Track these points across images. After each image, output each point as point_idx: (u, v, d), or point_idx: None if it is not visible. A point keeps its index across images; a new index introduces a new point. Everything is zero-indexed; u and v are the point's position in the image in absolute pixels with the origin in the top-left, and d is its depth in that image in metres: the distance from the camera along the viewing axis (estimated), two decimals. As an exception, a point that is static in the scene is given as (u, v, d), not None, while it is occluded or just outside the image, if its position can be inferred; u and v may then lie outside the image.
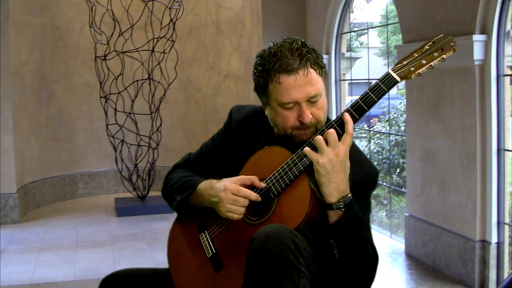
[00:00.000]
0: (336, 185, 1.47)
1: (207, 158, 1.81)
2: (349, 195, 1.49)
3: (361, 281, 1.56)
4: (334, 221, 1.48)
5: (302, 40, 1.59)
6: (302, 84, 1.53)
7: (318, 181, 1.48)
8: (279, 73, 1.54)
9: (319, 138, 1.49)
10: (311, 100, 1.56)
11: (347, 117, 1.50)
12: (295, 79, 1.53)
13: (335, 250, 1.48)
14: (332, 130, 1.49)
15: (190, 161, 1.85)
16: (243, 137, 1.75)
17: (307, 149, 1.50)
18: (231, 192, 1.55)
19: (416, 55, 1.50)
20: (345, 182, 1.48)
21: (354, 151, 1.58)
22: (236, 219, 1.57)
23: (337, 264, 1.51)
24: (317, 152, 1.50)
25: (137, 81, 5.36)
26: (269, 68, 1.56)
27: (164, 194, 1.81)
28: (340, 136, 1.50)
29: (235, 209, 1.55)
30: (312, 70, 1.55)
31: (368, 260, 1.55)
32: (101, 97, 5.24)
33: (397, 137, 8.16)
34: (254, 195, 1.55)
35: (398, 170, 7.95)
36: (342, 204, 1.47)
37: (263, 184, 1.56)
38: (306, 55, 1.55)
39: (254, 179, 1.58)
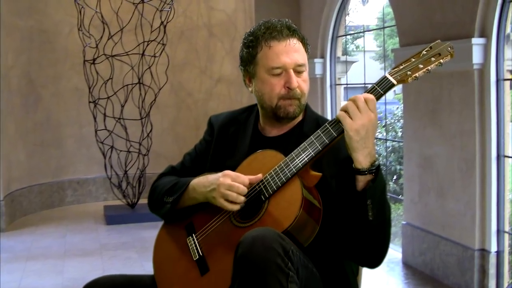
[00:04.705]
0: (369, 150, 1.48)
1: (193, 165, 1.82)
2: (378, 158, 1.54)
3: (386, 244, 1.56)
4: (364, 184, 1.49)
5: (289, 20, 1.72)
6: (291, 50, 1.63)
7: (351, 148, 1.48)
8: (270, 39, 1.64)
9: (351, 103, 1.49)
10: (298, 69, 1.64)
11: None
12: (285, 45, 1.63)
13: (370, 212, 1.48)
14: (359, 96, 1.50)
15: (175, 170, 1.85)
16: (228, 138, 1.78)
17: (341, 113, 1.50)
18: (230, 178, 1.55)
19: (414, 60, 1.53)
20: (374, 147, 1.52)
21: None
22: (231, 209, 1.56)
23: (369, 228, 1.51)
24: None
25: (127, 85, 5.32)
26: (259, 35, 1.65)
27: (152, 202, 1.79)
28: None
29: (230, 195, 1.54)
30: (299, 42, 1.66)
31: (389, 220, 1.57)
32: (90, 102, 5.21)
33: (394, 143, 8.14)
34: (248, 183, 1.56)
35: (395, 177, 7.98)
36: (374, 168, 1.49)
37: (256, 177, 1.57)
38: (294, 27, 1.68)
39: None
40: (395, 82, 1.50)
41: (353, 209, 1.49)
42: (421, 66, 1.51)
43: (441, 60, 1.52)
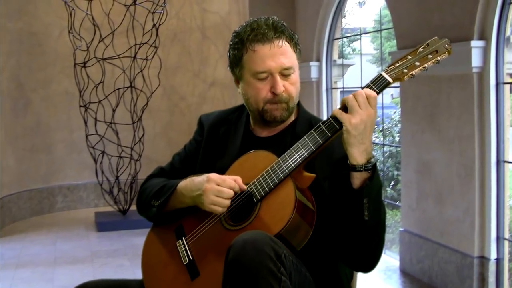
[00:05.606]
0: (365, 146, 1.45)
1: (183, 166, 1.80)
2: (375, 156, 1.43)
3: (380, 247, 1.54)
4: (360, 183, 1.46)
5: (278, 18, 1.67)
6: (276, 54, 1.59)
7: (348, 143, 1.45)
8: (254, 42, 1.60)
9: (351, 97, 1.46)
10: (284, 73, 1.61)
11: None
12: (269, 48, 1.59)
13: (366, 211, 1.46)
14: (361, 92, 1.47)
15: (164, 171, 1.83)
16: (218, 138, 1.76)
17: (337, 110, 1.48)
18: (215, 183, 1.53)
19: (410, 57, 1.51)
20: (371, 144, 1.49)
21: None
22: (220, 212, 1.54)
23: (364, 229, 1.48)
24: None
25: (118, 89, 5.30)
26: (244, 38, 1.62)
27: (140, 205, 1.77)
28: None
29: (219, 201, 1.52)
30: (286, 43, 1.62)
31: (384, 223, 1.55)
32: (80, 106, 5.18)
33: (391, 148, 8.14)
34: (238, 187, 1.53)
35: (392, 183, 7.99)
36: (370, 166, 1.46)
37: (244, 186, 1.54)
38: (281, 27, 1.63)
39: (238, 178, 1.56)
40: (391, 80, 1.48)
41: (349, 208, 1.46)
42: (417, 63, 1.48)
43: (439, 58, 1.49)
